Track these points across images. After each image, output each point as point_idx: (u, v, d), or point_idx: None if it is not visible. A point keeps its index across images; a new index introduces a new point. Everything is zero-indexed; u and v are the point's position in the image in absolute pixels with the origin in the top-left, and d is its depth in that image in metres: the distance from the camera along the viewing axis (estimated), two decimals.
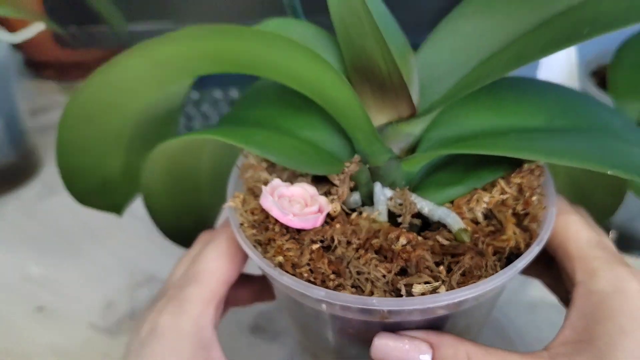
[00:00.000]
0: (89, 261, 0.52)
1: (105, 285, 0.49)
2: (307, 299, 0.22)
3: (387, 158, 0.24)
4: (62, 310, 0.47)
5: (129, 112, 0.27)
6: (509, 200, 0.24)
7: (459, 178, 0.24)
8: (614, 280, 0.21)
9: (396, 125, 0.24)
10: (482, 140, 0.23)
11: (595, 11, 0.20)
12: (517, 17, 0.23)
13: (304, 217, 0.22)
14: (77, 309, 0.47)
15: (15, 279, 0.51)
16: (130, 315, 0.46)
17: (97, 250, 0.53)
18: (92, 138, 0.28)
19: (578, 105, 0.25)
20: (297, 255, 0.22)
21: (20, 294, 0.49)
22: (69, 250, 0.54)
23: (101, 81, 0.25)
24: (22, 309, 0.48)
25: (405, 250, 0.22)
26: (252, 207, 0.24)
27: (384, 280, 0.21)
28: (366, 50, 0.22)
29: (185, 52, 0.23)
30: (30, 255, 0.54)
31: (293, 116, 0.25)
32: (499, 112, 0.24)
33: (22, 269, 0.52)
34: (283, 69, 0.22)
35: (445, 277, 0.22)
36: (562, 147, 0.21)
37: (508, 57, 0.22)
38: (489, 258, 0.22)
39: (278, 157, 0.23)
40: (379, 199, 0.24)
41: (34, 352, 0.44)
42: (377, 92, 0.23)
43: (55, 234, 0.56)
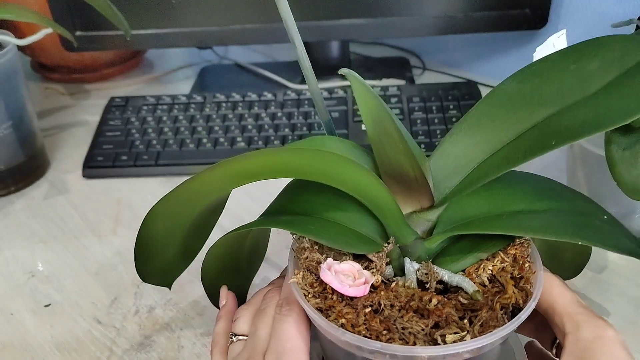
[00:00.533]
0: (94, 258, 0.54)
1: (110, 281, 0.51)
2: (364, 350, 0.28)
3: (413, 238, 0.31)
4: (68, 306, 0.49)
5: (196, 209, 0.33)
6: (507, 267, 0.30)
7: (468, 251, 0.31)
8: (595, 329, 0.28)
9: (419, 213, 0.31)
10: (483, 222, 0.30)
11: (559, 125, 0.28)
12: (501, 131, 0.31)
13: (356, 287, 0.28)
14: (82, 305, 0.48)
15: (21, 276, 0.52)
16: (135, 312, 0.47)
17: (102, 248, 0.55)
18: (164, 230, 0.34)
19: (550, 191, 0.33)
20: (354, 317, 0.28)
21: (27, 290, 0.51)
22: (74, 247, 0.55)
23: (186, 187, 0.30)
24: (28, 304, 0.49)
25: (437, 308, 0.28)
26: (309, 282, 0.30)
27: (423, 333, 0.27)
28: (399, 161, 0.29)
29: (257, 167, 0.29)
30: (36, 252, 0.55)
31: (334, 208, 0.32)
32: (492, 201, 0.32)
33: (28, 266, 0.53)
34: (337, 178, 0.29)
35: (469, 327, 0.28)
36: (541, 225, 0.29)
37: (498, 161, 0.30)
38: (498, 312, 0.28)
39: (328, 241, 0.30)
40: (409, 270, 0.30)
41: (40, 347, 0.45)
42: (405, 190, 0.31)
43: (61, 232, 0.57)
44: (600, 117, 0.27)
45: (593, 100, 0.28)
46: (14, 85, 0.60)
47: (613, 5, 0.67)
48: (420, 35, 0.71)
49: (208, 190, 0.31)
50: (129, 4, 0.69)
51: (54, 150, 0.71)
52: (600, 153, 0.44)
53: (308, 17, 0.70)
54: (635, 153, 0.39)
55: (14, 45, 0.60)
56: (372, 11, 0.69)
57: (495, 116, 0.31)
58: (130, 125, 0.70)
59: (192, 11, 0.70)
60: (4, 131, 0.60)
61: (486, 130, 0.31)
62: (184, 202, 0.32)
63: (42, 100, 0.84)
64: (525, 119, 0.30)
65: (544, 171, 0.61)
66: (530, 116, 0.30)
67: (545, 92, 0.30)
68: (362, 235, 0.31)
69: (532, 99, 0.31)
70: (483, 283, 0.30)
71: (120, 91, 0.84)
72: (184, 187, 0.30)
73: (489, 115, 0.31)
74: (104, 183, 0.64)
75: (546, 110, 0.30)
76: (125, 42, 0.73)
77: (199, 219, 0.34)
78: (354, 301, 0.29)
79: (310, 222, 0.31)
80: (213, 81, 0.86)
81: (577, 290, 0.47)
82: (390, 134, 0.28)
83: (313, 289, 0.30)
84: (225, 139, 0.66)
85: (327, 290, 0.30)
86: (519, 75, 0.32)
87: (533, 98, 0.30)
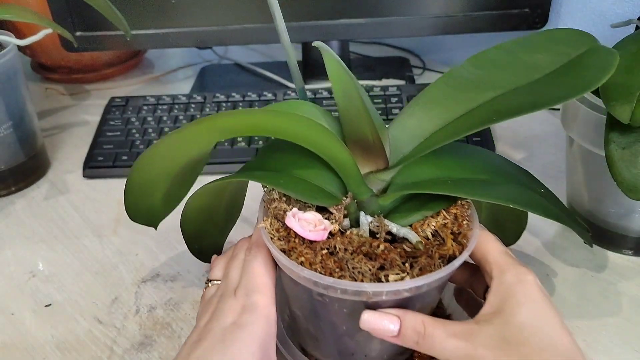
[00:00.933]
0: (94, 258, 0.54)
1: (111, 281, 0.51)
2: (319, 285, 0.32)
3: (369, 195, 0.35)
4: (68, 305, 0.49)
5: (181, 159, 0.36)
6: (448, 224, 0.35)
7: (416, 210, 0.35)
8: (517, 274, 0.33)
9: (375, 174, 0.35)
10: (430, 185, 0.35)
11: (501, 105, 0.32)
12: (453, 108, 0.35)
13: (316, 232, 0.33)
14: (82, 305, 0.49)
15: (22, 275, 0.52)
16: (135, 311, 0.47)
17: (103, 248, 0.55)
18: (150, 177, 0.37)
19: (492, 163, 0.37)
20: (312, 257, 0.32)
21: (27, 289, 0.51)
22: (74, 247, 0.55)
23: (173, 137, 0.34)
24: (28, 304, 0.49)
25: (383, 253, 0.32)
26: (276, 227, 0.35)
27: (370, 273, 0.32)
28: (361, 127, 0.33)
29: (238, 123, 0.33)
30: (37, 252, 0.55)
31: (303, 167, 0.36)
32: (441, 168, 0.36)
33: (29, 266, 0.53)
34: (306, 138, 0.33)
35: (409, 270, 0.32)
36: (482, 190, 0.34)
37: (446, 133, 0.34)
38: (436, 260, 0.33)
39: (296, 193, 0.34)
40: (363, 222, 0.34)
41: (40, 346, 0.45)
42: (364, 153, 0.35)
43: (61, 232, 0.57)
44: (536, 101, 0.31)
45: (535, 86, 0.33)
46: (14, 86, 0.60)
47: (613, 5, 0.67)
48: (420, 35, 0.71)
49: (192, 141, 0.34)
50: (129, 4, 0.70)
51: (54, 151, 0.71)
52: (600, 153, 0.44)
53: (308, 17, 0.70)
54: (634, 152, 0.39)
55: (14, 45, 0.60)
56: (372, 11, 0.70)
57: (448, 95, 0.35)
58: (130, 125, 0.70)
59: (192, 11, 0.70)
60: (4, 131, 0.60)
61: (439, 107, 0.35)
62: (170, 151, 0.35)
63: (42, 100, 0.84)
64: (474, 99, 0.34)
65: (544, 171, 0.61)
66: (479, 97, 0.34)
67: (496, 77, 0.35)
68: (325, 191, 0.35)
69: (483, 82, 0.35)
70: (427, 237, 0.34)
71: (120, 91, 0.84)
72: (172, 137, 0.34)
73: (444, 93, 0.36)
74: (105, 183, 0.64)
75: (494, 92, 0.34)
76: (125, 42, 0.73)
77: (183, 169, 0.37)
78: (313, 244, 0.33)
79: (281, 178, 0.35)
80: (213, 81, 0.86)
81: (577, 290, 0.47)
82: (355, 103, 0.32)
83: (279, 234, 0.34)
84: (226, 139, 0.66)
85: (290, 234, 0.34)
86: (474, 60, 0.36)
87: (484, 82, 0.35)
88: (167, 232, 0.55)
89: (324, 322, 0.35)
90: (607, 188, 0.47)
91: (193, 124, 0.32)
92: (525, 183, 0.36)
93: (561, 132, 0.52)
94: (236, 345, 0.32)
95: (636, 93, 0.38)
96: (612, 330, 0.44)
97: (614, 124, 0.40)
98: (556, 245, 0.52)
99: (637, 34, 0.44)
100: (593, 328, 0.44)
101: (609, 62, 0.31)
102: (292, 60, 0.37)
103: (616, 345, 0.43)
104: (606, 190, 0.48)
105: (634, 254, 0.50)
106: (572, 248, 0.52)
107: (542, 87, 0.32)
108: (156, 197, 0.39)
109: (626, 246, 0.50)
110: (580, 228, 0.38)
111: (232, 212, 0.45)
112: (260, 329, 0.33)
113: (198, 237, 0.45)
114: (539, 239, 0.53)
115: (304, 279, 0.32)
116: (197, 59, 0.94)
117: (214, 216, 0.43)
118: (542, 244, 0.52)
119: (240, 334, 0.32)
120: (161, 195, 0.39)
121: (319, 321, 0.35)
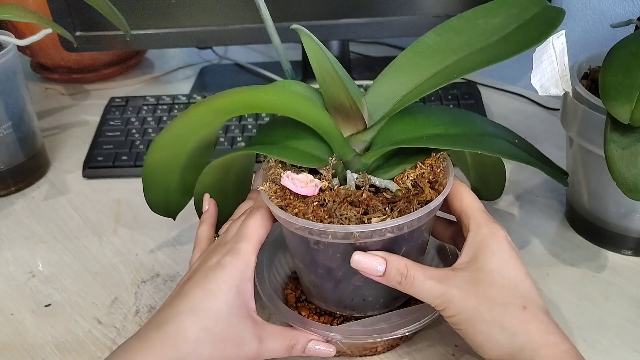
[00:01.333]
0: (94, 259, 0.54)
1: (111, 281, 0.51)
2: (313, 233, 0.36)
3: (352, 155, 0.39)
4: (68, 306, 0.49)
5: (189, 143, 0.40)
6: (425, 174, 0.39)
7: (396, 164, 0.39)
8: (490, 229, 0.38)
9: (356, 135, 0.39)
10: (408, 141, 0.39)
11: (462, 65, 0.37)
12: (421, 72, 0.39)
13: (307, 188, 0.37)
14: (82, 305, 0.49)
15: (22, 276, 0.52)
16: (135, 312, 0.47)
17: (103, 248, 0.55)
18: (163, 161, 0.42)
19: (464, 119, 0.41)
20: (305, 208, 0.37)
21: (27, 290, 0.51)
22: (74, 247, 0.55)
23: (178, 121, 0.39)
24: (28, 304, 0.49)
25: (366, 200, 0.37)
26: (274, 190, 0.39)
27: (355, 217, 0.36)
28: (338, 95, 0.37)
29: (232, 102, 0.37)
30: (36, 252, 0.55)
31: (294, 138, 0.40)
32: (416, 127, 0.40)
33: (28, 266, 0.53)
34: (292, 109, 0.37)
35: (389, 214, 0.36)
36: (453, 141, 0.38)
37: (415, 93, 0.38)
38: (414, 205, 0.37)
39: (289, 159, 0.39)
40: (349, 178, 0.39)
41: (40, 347, 0.45)
42: (344, 118, 0.39)
43: (61, 232, 0.57)
44: (491, 57, 0.35)
45: (491, 47, 0.37)
46: (14, 86, 0.60)
47: (613, 4, 0.67)
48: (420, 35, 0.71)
49: (197, 123, 0.39)
50: (129, 4, 0.70)
51: (54, 151, 0.71)
52: (600, 153, 0.44)
53: (308, 17, 0.70)
54: (634, 152, 0.39)
55: (14, 45, 0.60)
56: (372, 11, 0.70)
57: (416, 61, 0.40)
58: (130, 125, 0.70)
59: (192, 11, 0.70)
60: (4, 131, 0.60)
61: (409, 72, 0.40)
62: (178, 134, 0.39)
63: (42, 100, 0.84)
64: (439, 62, 0.39)
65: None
66: (443, 61, 0.39)
67: (457, 42, 0.39)
68: (314, 156, 0.40)
69: (446, 47, 0.39)
70: (408, 187, 0.38)
71: (120, 91, 0.84)
72: (177, 121, 0.38)
73: (412, 60, 0.40)
74: (104, 183, 0.64)
75: (456, 55, 0.38)
76: (125, 42, 0.73)
77: (193, 154, 0.41)
78: (306, 199, 0.37)
79: (275, 148, 0.40)
80: (213, 81, 0.86)
81: (577, 290, 0.47)
82: (331, 74, 0.36)
83: (276, 194, 0.39)
84: (225, 139, 0.66)
85: (286, 194, 0.38)
86: (438, 29, 0.40)
87: (447, 47, 0.39)
88: (167, 232, 0.55)
89: (322, 268, 0.39)
90: (607, 188, 0.47)
91: (194, 107, 0.37)
92: (498, 134, 0.41)
93: (561, 132, 0.52)
94: (215, 282, 0.37)
95: (636, 93, 0.38)
96: (612, 330, 0.44)
97: (614, 124, 0.40)
98: (556, 245, 0.52)
99: (637, 34, 0.44)
100: (593, 328, 0.44)
101: (555, 18, 0.36)
102: (276, 40, 0.41)
103: (616, 345, 0.43)
104: (606, 190, 0.48)
105: (634, 254, 0.50)
106: (572, 248, 0.52)
107: (497, 46, 0.37)
108: (171, 182, 0.43)
109: (626, 246, 0.50)
110: (553, 169, 0.43)
111: (243, 187, 0.48)
112: (238, 270, 0.37)
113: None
114: (539, 239, 0.53)
115: (300, 229, 0.37)
116: (197, 59, 0.94)
117: (225, 191, 0.46)
118: (542, 244, 0.52)
119: (220, 272, 0.37)
120: (176, 181, 0.43)
121: (318, 268, 0.40)
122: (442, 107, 0.43)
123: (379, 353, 0.43)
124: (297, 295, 0.45)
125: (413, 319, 0.39)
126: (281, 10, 0.69)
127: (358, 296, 0.40)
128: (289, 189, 0.38)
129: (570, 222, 0.54)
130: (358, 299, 0.40)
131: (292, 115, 0.37)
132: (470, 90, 0.72)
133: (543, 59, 0.42)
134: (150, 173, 0.42)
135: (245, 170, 0.47)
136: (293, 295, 0.45)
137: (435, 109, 0.42)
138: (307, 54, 0.36)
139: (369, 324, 0.40)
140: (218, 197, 0.45)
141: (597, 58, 0.50)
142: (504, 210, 0.56)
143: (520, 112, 0.74)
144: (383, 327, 0.39)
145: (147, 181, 0.43)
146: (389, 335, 0.39)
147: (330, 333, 0.39)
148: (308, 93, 0.40)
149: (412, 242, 0.39)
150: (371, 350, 0.43)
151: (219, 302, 0.36)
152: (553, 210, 0.56)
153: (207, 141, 0.42)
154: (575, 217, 0.53)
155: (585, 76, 0.50)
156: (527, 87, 0.78)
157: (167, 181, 0.43)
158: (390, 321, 0.40)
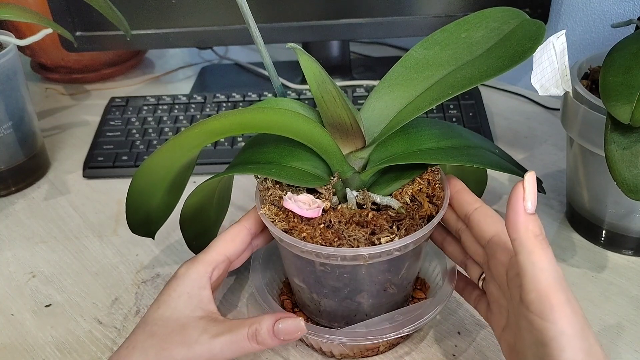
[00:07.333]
0: (94, 259, 0.54)
1: (111, 282, 0.51)
2: (321, 256, 0.36)
3: (351, 172, 0.39)
4: (68, 306, 0.49)
5: (177, 164, 0.39)
6: (423, 189, 0.39)
7: (394, 180, 0.39)
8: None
9: (355, 153, 0.39)
10: (403, 157, 0.39)
11: (453, 80, 0.37)
12: (413, 87, 0.39)
13: (312, 210, 0.37)
14: (82, 305, 0.49)
15: (22, 276, 0.52)
16: (136, 312, 0.47)
17: (103, 248, 0.55)
18: (150, 184, 0.41)
19: (451, 131, 0.41)
20: (312, 232, 0.36)
21: (27, 290, 0.51)
22: (74, 247, 0.55)
23: (169, 144, 0.37)
24: (28, 305, 0.49)
25: (373, 220, 0.37)
26: (275, 212, 0.39)
27: (364, 238, 0.36)
28: (338, 113, 0.37)
29: (228, 123, 0.36)
30: (37, 252, 0.55)
31: (289, 156, 0.40)
32: (409, 142, 0.40)
33: (29, 266, 0.53)
34: (292, 128, 0.36)
35: (397, 232, 0.36)
36: (445, 155, 0.38)
37: (411, 110, 0.38)
38: (417, 221, 0.37)
39: (288, 180, 0.38)
40: (350, 197, 0.39)
41: (40, 347, 0.45)
42: (343, 136, 0.38)
43: (61, 232, 0.57)
44: (482, 73, 0.35)
45: (478, 61, 0.37)
46: (14, 86, 0.60)
47: (613, 4, 0.67)
48: (420, 35, 0.71)
49: (188, 146, 0.38)
50: (129, 4, 0.70)
51: (54, 151, 0.71)
52: (600, 153, 0.44)
53: (308, 17, 0.70)
54: (634, 152, 0.39)
55: (14, 45, 0.60)
56: (372, 11, 0.70)
57: (407, 76, 0.40)
58: (130, 125, 0.70)
59: (192, 11, 0.70)
60: (4, 131, 0.60)
61: (402, 87, 0.40)
62: (167, 157, 0.39)
63: (42, 100, 0.84)
64: (430, 77, 0.39)
65: (544, 171, 0.61)
66: (433, 75, 0.39)
67: (444, 56, 0.40)
68: (312, 174, 0.39)
69: (434, 62, 0.40)
70: (406, 202, 0.38)
71: (120, 91, 0.84)
72: (168, 145, 0.37)
73: (403, 75, 0.40)
74: (105, 183, 0.64)
75: (445, 69, 0.39)
76: (125, 42, 0.73)
77: (176, 176, 0.41)
78: (311, 221, 0.37)
79: (272, 168, 0.39)
80: (213, 81, 0.86)
81: (577, 290, 0.47)
82: (330, 92, 0.36)
83: (278, 217, 0.38)
84: (225, 139, 0.66)
85: (289, 216, 0.38)
86: (424, 43, 0.41)
87: (435, 61, 0.40)
88: (167, 233, 0.55)
89: (327, 288, 0.39)
90: (607, 188, 0.47)
91: (187, 130, 0.36)
92: (482, 146, 0.42)
93: (561, 132, 0.52)
94: (166, 292, 0.39)
95: (636, 93, 0.38)
96: (612, 330, 0.44)
97: (614, 124, 0.40)
98: (556, 245, 0.52)
99: (637, 34, 0.44)
100: (593, 328, 0.44)
101: (536, 32, 0.36)
102: (267, 59, 0.40)
103: (616, 345, 0.43)
104: (606, 190, 0.48)
105: (634, 254, 0.50)
106: (572, 248, 0.52)
107: (485, 61, 0.37)
108: (153, 203, 0.42)
109: (626, 246, 0.50)
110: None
111: (222, 205, 0.48)
112: (190, 279, 0.39)
113: (196, 234, 0.47)
114: None
115: (307, 252, 0.37)
116: (197, 59, 0.94)
117: (206, 214, 0.46)
118: None
119: (172, 281, 0.40)
120: (158, 201, 0.42)
121: (323, 288, 0.40)
122: (429, 119, 0.42)
123: (380, 352, 0.43)
124: (293, 302, 0.45)
125: (416, 316, 0.39)
126: (281, 11, 0.69)
127: (361, 312, 0.41)
128: (291, 211, 0.37)
129: (570, 222, 0.54)
130: (361, 315, 0.41)
131: (291, 135, 0.37)
132: (470, 90, 0.72)
133: (543, 59, 0.42)
134: (136, 196, 0.42)
135: (226, 187, 0.47)
136: (290, 301, 0.45)
137: (423, 122, 0.42)
138: (304, 72, 0.35)
139: (372, 324, 0.40)
140: (202, 215, 0.45)
141: (597, 58, 0.50)
142: (504, 211, 0.56)
143: (520, 112, 0.74)
144: (386, 327, 0.39)
145: (131, 205, 0.42)
146: (392, 334, 0.39)
147: (335, 336, 0.39)
148: (304, 111, 0.39)
149: (414, 256, 0.39)
150: (373, 350, 0.43)
151: (169, 309, 0.39)
152: (553, 210, 0.56)
153: (192, 160, 0.41)
154: (575, 217, 0.53)
155: (585, 76, 0.50)
156: (527, 87, 0.78)
157: (150, 202, 0.42)
158: (394, 320, 0.40)
